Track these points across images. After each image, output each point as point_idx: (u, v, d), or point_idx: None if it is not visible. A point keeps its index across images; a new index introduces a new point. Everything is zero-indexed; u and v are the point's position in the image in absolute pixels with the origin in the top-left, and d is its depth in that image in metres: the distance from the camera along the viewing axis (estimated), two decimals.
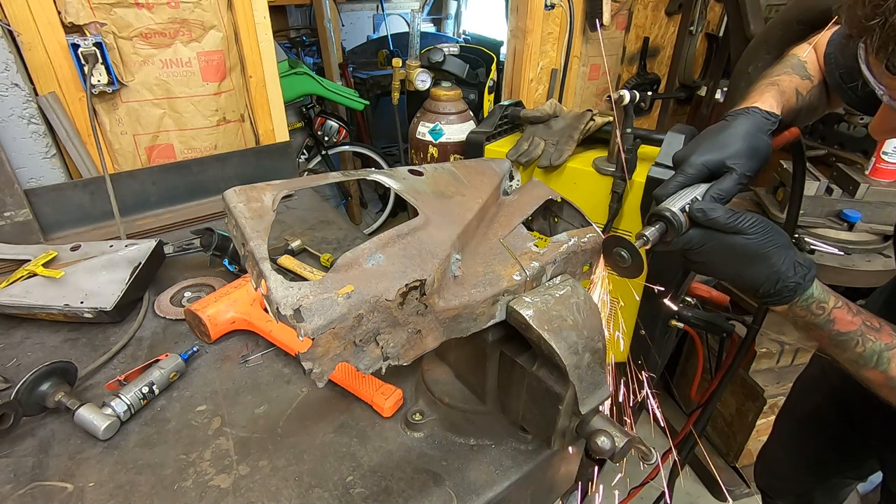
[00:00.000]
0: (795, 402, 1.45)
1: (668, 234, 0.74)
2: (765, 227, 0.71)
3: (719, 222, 0.70)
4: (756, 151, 0.78)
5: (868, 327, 0.72)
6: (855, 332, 0.72)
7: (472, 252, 0.76)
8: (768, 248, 0.70)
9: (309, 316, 0.56)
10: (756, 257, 0.71)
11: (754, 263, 0.71)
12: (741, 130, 0.80)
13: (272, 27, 1.77)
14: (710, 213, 0.70)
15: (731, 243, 0.71)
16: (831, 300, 0.73)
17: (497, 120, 1.71)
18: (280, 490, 0.80)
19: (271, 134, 1.91)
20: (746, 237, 0.70)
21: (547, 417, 0.76)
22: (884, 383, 0.72)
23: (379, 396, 0.93)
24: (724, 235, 0.71)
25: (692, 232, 0.73)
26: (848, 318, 0.73)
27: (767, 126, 0.82)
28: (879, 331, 0.72)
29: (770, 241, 0.70)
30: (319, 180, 0.79)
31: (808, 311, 0.73)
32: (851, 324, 0.72)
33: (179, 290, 1.29)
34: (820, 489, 1.43)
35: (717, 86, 2.89)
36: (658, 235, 0.74)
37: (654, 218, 0.74)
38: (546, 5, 2.43)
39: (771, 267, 0.71)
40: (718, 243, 0.72)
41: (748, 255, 0.71)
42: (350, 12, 4.89)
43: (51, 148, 1.52)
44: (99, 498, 0.79)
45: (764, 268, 0.71)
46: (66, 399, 0.89)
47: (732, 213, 0.71)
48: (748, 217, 0.71)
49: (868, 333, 0.72)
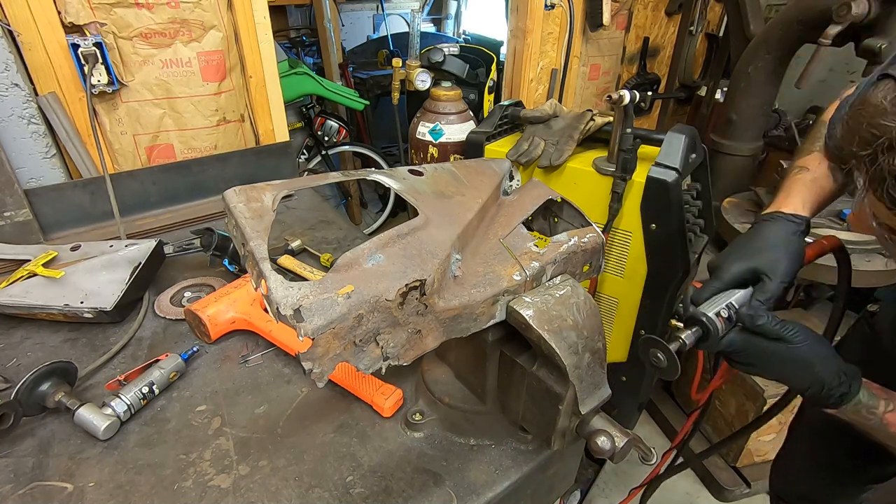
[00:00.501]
0: (810, 409, 1.44)
1: (704, 338, 0.76)
2: (806, 336, 0.72)
3: (765, 328, 0.72)
4: (790, 254, 0.80)
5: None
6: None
7: (472, 252, 0.76)
8: (813, 357, 0.72)
9: (309, 316, 0.56)
10: (801, 365, 0.72)
11: (799, 370, 0.73)
12: (772, 237, 0.82)
13: (272, 27, 1.77)
14: (758, 319, 0.72)
15: (773, 350, 0.73)
16: (881, 405, 0.74)
17: (497, 120, 1.71)
18: (280, 490, 0.80)
19: (271, 134, 1.91)
20: (790, 346, 0.72)
21: (547, 417, 0.76)
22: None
23: (379, 396, 0.93)
24: (766, 342, 0.73)
25: (733, 336, 0.75)
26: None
27: (794, 228, 0.84)
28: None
29: (814, 350, 0.72)
30: (319, 180, 0.79)
31: (859, 416, 0.75)
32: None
33: (179, 290, 1.29)
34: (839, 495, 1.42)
35: (717, 86, 2.89)
36: (694, 340, 0.76)
37: (692, 322, 0.76)
38: (546, 5, 2.43)
39: (815, 375, 0.72)
40: (761, 349, 0.73)
41: (793, 362, 0.73)
42: (350, 12, 4.89)
43: (51, 148, 1.52)
44: (99, 498, 0.79)
45: (809, 375, 0.73)
46: (66, 399, 0.89)
47: (778, 321, 0.73)
48: (790, 326, 0.72)
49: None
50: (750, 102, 2.22)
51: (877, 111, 0.56)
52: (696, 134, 1.45)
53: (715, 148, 2.37)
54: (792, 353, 0.72)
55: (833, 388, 0.72)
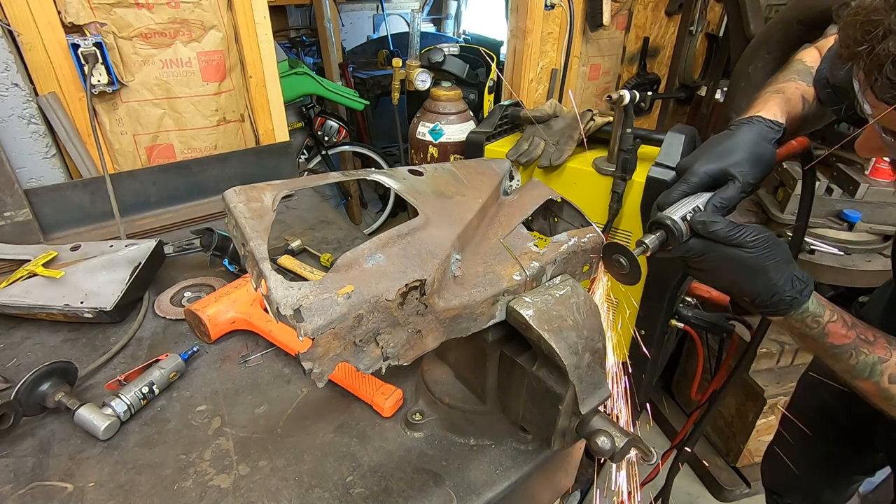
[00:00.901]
0: (801, 399, 1.45)
1: (668, 242, 0.75)
2: (765, 241, 0.71)
3: (720, 234, 0.71)
4: (760, 159, 0.79)
5: (862, 340, 0.74)
6: (849, 346, 0.74)
7: (472, 252, 0.76)
8: (768, 262, 0.71)
9: (309, 316, 0.56)
10: (755, 270, 0.72)
11: (753, 276, 0.72)
12: (745, 139, 0.80)
13: (272, 27, 1.77)
14: (711, 226, 0.71)
15: (730, 255, 0.72)
16: (826, 314, 0.74)
17: (497, 120, 1.71)
18: (280, 490, 0.80)
19: (271, 134, 1.91)
20: (746, 250, 0.71)
21: (547, 417, 0.76)
22: (876, 393, 0.74)
23: (379, 396, 0.93)
24: (724, 247, 0.72)
25: (693, 242, 0.74)
26: (842, 332, 0.74)
27: (771, 135, 0.83)
28: (873, 344, 0.74)
29: (770, 255, 0.71)
30: (319, 180, 0.79)
31: (803, 324, 0.75)
32: (845, 337, 0.74)
33: (179, 290, 1.29)
34: (828, 486, 1.43)
35: (717, 86, 2.89)
36: (658, 244, 0.75)
37: (655, 226, 0.75)
38: (546, 5, 2.43)
39: (769, 280, 0.72)
40: (718, 254, 0.72)
41: (747, 268, 0.72)
42: (350, 12, 4.89)
43: (51, 148, 1.52)
44: (99, 498, 0.79)
45: (762, 280, 0.72)
46: (66, 399, 0.89)
47: (733, 226, 0.71)
48: (749, 230, 0.71)
49: (862, 346, 0.73)
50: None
51: (870, 9, 0.58)
52: (696, 134, 1.45)
53: None
54: (748, 259, 0.71)
55: (786, 293, 0.72)
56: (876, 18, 0.57)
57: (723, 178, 0.77)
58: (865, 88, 0.62)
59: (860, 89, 0.64)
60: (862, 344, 0.73)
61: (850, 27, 0.60)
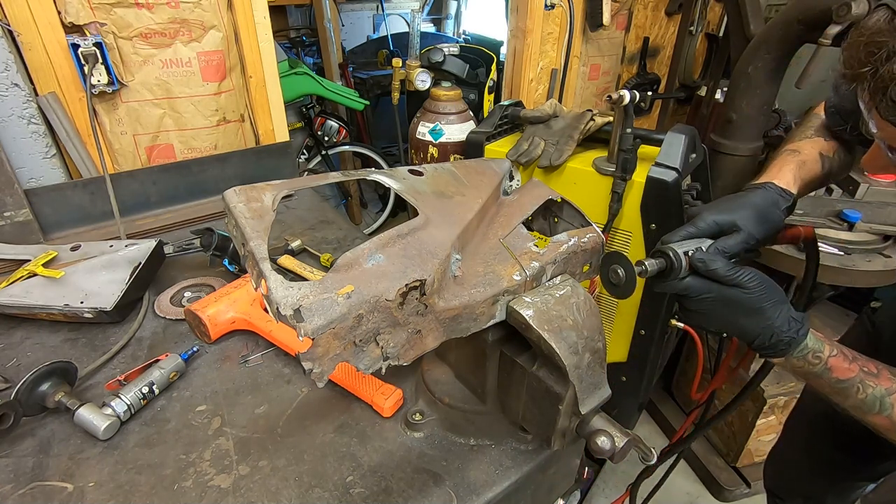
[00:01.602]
0: (807, 403, 1.45)
1: (666, 272, 0.76)
2: (761, 283, 0.73)
3: (719, 273, 0.73)
4: (767, 220, 0.82)
5: (866, 373, 0.74)
6: (854, 379, 0.73)
7: (472, 252, 0.76)
8: (764, 303, 0.73)
9: (309, 316, 0.56)
10: (752, 311, 0.73)
11: (749, 317, 0.74)
12: (755, 201, 0.84)
13: (272, 27, 1.77)
14: (711, 265, 0.73)
15: (728, 295, 0.73)
16: (826, 349, 0.75)
17: (497, 120, 1.71)
18: (280, 490, 0.80)
19: (271, 134, 1.91)
20: (744, 291, 0.72)
21: (547, 417, 0.76)
22: (891, 427, 0.73)
23: (379, 396, 0.93)
24: (722, 287, 0.74)
25: (691, 279, 0.75)
26: (844, 366, 0.74)
27: (782, 203, 0.86)
28: (878, 376, 0.73)
29: (766, 297, 0.73)
30: (319, 180, 0.79)
31: (805, 362, 0.75)
32: (849, 370, 0.74)
33: (179, 290, 1.29)
34: (831, 491, 1.42)
35: (717, 86, 2.89)
36: (657, 269, 0.76)
37: (658, 254, 0.77)
38: (546, 5, 2.43)
39: (766, 321, 0.73)
40: (717, 294, 0.74)
41: (744, 309, 0.73)
42: (350, 12, 4.89)
43: (51, 148, 1.52)
44: (99, 498, 0.79)
45: (759, 321, 0.73)
46: (66, 399, 0.89)
47: (732, 266, 0.73)
48: (746, 272, 0.73)
49: (867, 379, 0.73)
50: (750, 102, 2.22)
51: (873, 31, 0.59)
52: (696, 134, 1.45)
53: (715, 148, 2.37)
54: (745, 299, 0.72)
55: (783, 333, 0.73)
56: (880, 40, 0.58)
57: (729, 229, 0.80)
58: (871, 108, 0.63)
59: (865, 109, 0.65)
60: (866, 377, 0.73)
61: (853, 48, 0.61)
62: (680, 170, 1.31)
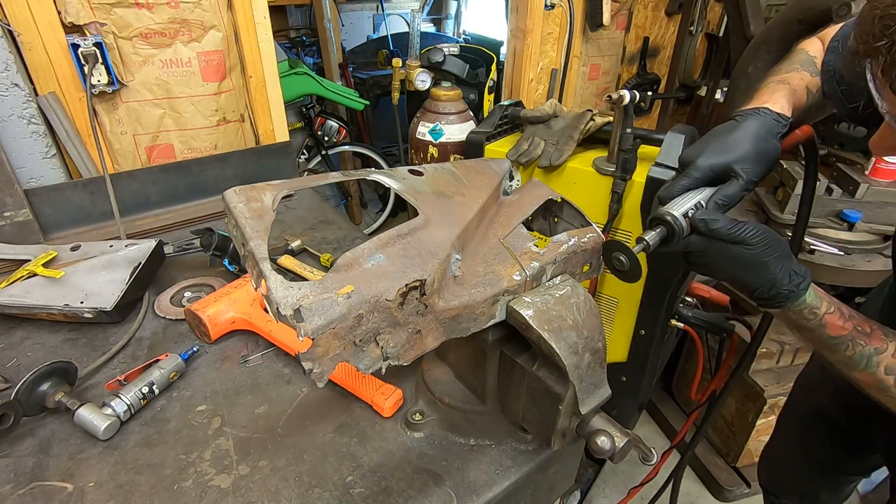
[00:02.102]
0: (798, 400, 1.45)
1: (668, 238, 0.74)
2: (765, 237, 0.72)
3: (721, 232, 0.71)
4: (764, 156, 0.78)
5: (859, 332, 0.74)
6: (845, 337, 0.74)
7: (472, 252, 0.76)
8: (767, 258, 0.72)
9: (309, 316, 0.56)
10: (755, 266, 0.72)
11: (752, 270, 0.73)
12: (750, 133, 0.79)
13: (272, 27, 1.77)
14: (712, 224, 0.71)
15: (731, 252, 0.72)
16: (823, 305, 0.75)
17: (497, 120, 1.71)
18: (280, 490, 0.80)
19: (271, 134, 1.91)
20: (747, 247, 0.71)
21: (547, 417, 0.76)
22: (872, 384, 0.74)
23: (379, 396, 0.93)
24: (725, 244, 0.72)
25: (693, 238, 0.74)
26: (839, 324, 0.74)
27: (777, 129, 0.81)
28: (870, 335, 0.73)
29: (769, 251, 0.72)
30: (319, 180, 0.79)
31: (801, 316, 0.75)
32: (842, 329, 0.74)
33: (179, 290, 1.29)
34: (825, 487, 1.43)
35: (717, 86, 2.89)
36: (658, 240, 0.74)
37: (656, 222, 0.75)
38: (546, 5, 2.43)
39: (768, 274, 0.72)
40: (718, 251, 0.73)
41: (747, 264, 0.73)
42: (350, 12, 4.89)
43: (51, 148, 1.52)
44: (99, 498, 0.79)
45: (761, 275, 0.73)
46: (66, 399, 0.89)
47: (734, 223, 0.71)
48: (749, 227, 0.71)
49: (858, 338, 0.73)
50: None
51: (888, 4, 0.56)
52: (696, 134, 1.45)
53: None
54: (748, 256, 0.72)
55: (783, 287, 0.72)
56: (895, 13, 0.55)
57: (725, 174, 0.77)
58: (883, 85, 0.61)
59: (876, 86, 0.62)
60: (858, 335, 0.73)
61: (866, 22, 0.59)
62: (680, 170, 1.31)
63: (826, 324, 0.74)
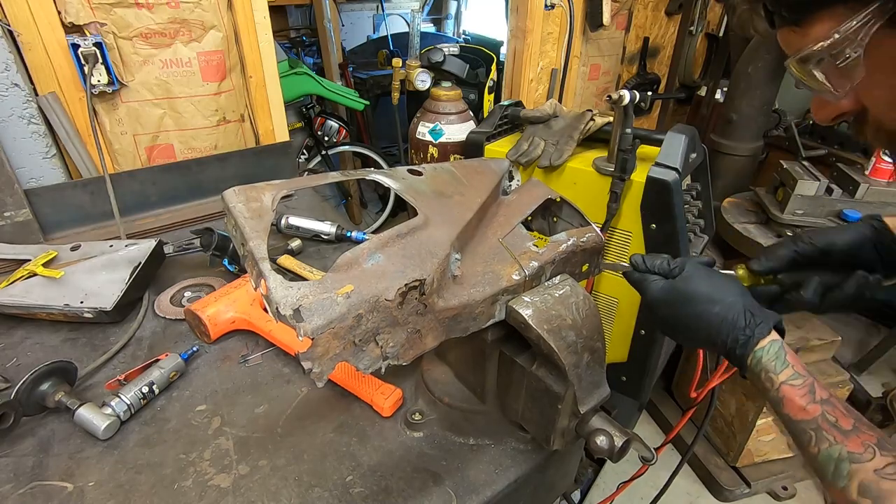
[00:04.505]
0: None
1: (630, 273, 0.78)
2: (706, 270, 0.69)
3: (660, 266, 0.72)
4: None
5: (830, 423, 0.54)
6: (807, 423, 0.55)
7: (471, 252, 0.76)
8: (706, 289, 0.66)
9: (308, 316, 0.56)
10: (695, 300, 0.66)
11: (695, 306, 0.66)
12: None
13: (272, 27, 1.77)
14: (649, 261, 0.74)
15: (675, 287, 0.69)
16: (783, 372, 0.58)
17: (497, 120, 1.71)
18: (280, 490, 0.80)
19: (271, 134, 1.91)
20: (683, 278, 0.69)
21: (546, 417, 0.76)
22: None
23: (379, 396, 0.93)
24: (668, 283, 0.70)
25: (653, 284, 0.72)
26: (799, 402, 0.56)
27: None
28: (847, 433, 0.53)
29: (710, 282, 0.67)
30: (319, 180, 0.79)
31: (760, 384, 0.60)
32: (804, 411, 0.56)
33: (179, 290, 1.29)
34: None
35: (717, 86, 2.89)
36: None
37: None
38: (546, 5, 2.43)
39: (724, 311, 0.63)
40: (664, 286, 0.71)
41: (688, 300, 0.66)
42: (350, 12, 4.89)
43: (51, 148, 1.52)
44: (99, 498, 0.79)
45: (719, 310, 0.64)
46: (66, 399, 0.89)
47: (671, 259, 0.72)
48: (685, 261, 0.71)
49: (827, 431, 0.54)
50: (750, 102, 2.22)
51: None
52: (696, 134, 1.45)
53: (715, 148, 2.37)
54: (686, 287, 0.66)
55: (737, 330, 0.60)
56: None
57: None
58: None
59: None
60: (828, 427, 0.54)
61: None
62: (680, 170, 1.31)
63: (783, 398, 0.57)
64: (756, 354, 0.60)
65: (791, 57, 0.54)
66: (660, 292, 0.70)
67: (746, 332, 0.61)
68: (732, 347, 0.61)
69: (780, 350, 0.60)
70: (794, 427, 0.57)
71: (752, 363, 0.61)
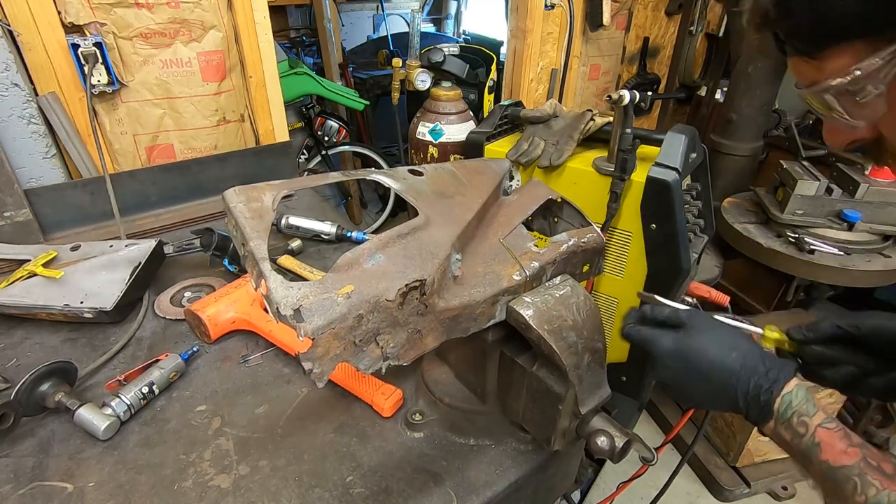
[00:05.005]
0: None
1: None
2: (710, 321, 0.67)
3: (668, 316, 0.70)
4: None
5: (872, 467, 0.51)
6: (850, 469, 0.52)
7: (472, 252, 0.76)
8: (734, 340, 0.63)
9: (309, 316, 0.56)
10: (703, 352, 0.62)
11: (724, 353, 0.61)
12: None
13: (272, 27, 1.77)
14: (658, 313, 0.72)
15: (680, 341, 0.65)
16: (816, 415, 0.55)
17: (497, 120, 1.71)
18: (280, 490, 0.80)
19: (271, 134, 1.91)
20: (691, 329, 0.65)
21: (547, 417, 0.76)
22: None
23: (379, 396, 0.93)
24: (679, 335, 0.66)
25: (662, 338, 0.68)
26: (839, 446, 0.53)
27: None
28: (891, 477, 0.51)
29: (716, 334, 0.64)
30: (319, 180, 0.79)
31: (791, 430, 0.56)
32: (845, 454, 0.53)
33: (179, 290, 1.29)
34: None
35: (717, 86, 2.89)
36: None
37: None
38: (546, 5, 2.43)
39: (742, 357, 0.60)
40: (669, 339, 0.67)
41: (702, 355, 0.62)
42: (350, 12, 4.89)
43: (51, 148, 1.52)
44: (99, 498, 0.79)
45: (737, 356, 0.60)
46: (66, 399, 0.89)
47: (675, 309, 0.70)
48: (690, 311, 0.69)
49: (871, 475, 0.51)
50: (750, 102, 2.22)
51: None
52: (696, 134, 1.45)
53: (715, 148, 2.37)
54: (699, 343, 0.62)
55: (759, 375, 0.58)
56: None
57: None
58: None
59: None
60: (871, 471, 0.51)
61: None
62: (680, 170, 1.31)
63: (821, 443, 0.54)
64: (785, 399, 0.57)
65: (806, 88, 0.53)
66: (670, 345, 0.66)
67: (770, 375, 0.58)
68: (756, 394, 0.58)
69: (808, 393, 0.57)
70: (835, 475, 0.53)
71: (780, 408, 0.57)
